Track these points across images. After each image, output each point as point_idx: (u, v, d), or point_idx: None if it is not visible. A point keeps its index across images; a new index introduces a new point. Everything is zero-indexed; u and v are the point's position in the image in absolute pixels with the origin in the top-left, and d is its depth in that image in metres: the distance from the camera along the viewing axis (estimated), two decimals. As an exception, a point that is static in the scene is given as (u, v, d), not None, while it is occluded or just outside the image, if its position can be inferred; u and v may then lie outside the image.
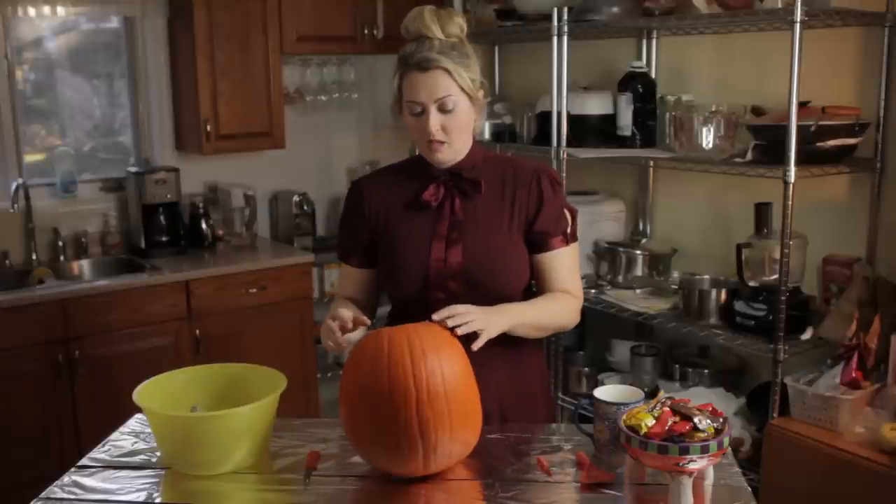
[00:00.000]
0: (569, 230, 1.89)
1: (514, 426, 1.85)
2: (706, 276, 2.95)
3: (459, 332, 1.63)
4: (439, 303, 1.72)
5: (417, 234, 1.85)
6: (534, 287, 1.95)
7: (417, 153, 1.92)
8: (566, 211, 1.90)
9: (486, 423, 1.69)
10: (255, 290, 3.60)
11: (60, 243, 3.65)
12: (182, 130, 3.88)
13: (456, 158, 1.85)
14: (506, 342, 1.79)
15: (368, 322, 1.76)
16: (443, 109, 1.76)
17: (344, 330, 1.72)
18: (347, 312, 1.73)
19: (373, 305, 2.01)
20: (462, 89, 1.77)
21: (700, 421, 1.42)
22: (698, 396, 2.64)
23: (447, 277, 1.82)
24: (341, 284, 2.02)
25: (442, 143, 1.79)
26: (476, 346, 1.65)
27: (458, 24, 1.80)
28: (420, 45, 1.76)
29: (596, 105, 3.23)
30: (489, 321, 1.68)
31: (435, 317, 1.64)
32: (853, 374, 2.39)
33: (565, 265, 1.89)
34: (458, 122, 1.78)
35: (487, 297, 1.79)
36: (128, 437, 1.84)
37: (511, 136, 3.54)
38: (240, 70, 3.71)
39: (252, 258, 3.73)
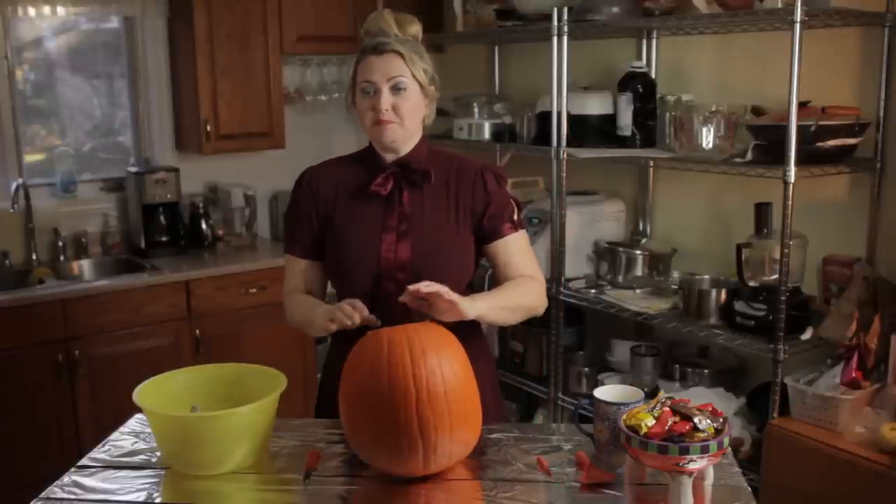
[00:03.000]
0: (515, 218, 1.95)
1: (514, 426, 1.85)
2: (706, 276, 2.94)
3: (423, 290, 1.67)
4: (389, 293, 1.77)
5: (367, 225, 1.89)
6: (475, 281, 1.98)
7: (368, 144, 1.95)
8: (511, 201, 1.96)
9: None
10: (255, 290, 3.60)
11: (60, 243, 3.65)
12: (182, 130, 3.88)
13: (405, 143, 1.89)
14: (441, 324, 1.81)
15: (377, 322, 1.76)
16: (395, 90, 1.83)
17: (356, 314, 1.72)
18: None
19: (322, 300, 2.01)
20: (414, 76, 1.84)
21: (700, 421, 1.42)
22: (698, 396, 2.64)
23: (396, 269, 1.85)
24: (290, 279, 1.99)
25: (392, 122, 1.84)
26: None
27: (416, 28, 1.90)
28: (377, 37, 1.85)
29: (596, 105, 3.23)
30: (458, 298, 1.71)
31: (410, 288, 1.67)
32: (853, 374, 2.39)
33: (520, 250, 1.95)
34: (408, 104, 1.85)
35: None
36: (128, 437, 1.84)
37: (511, 136, 3.53)
38: (240, 70, 3.71)
39: (252, 258, 3.73)
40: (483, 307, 1.78)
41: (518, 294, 1.90)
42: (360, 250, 1.87)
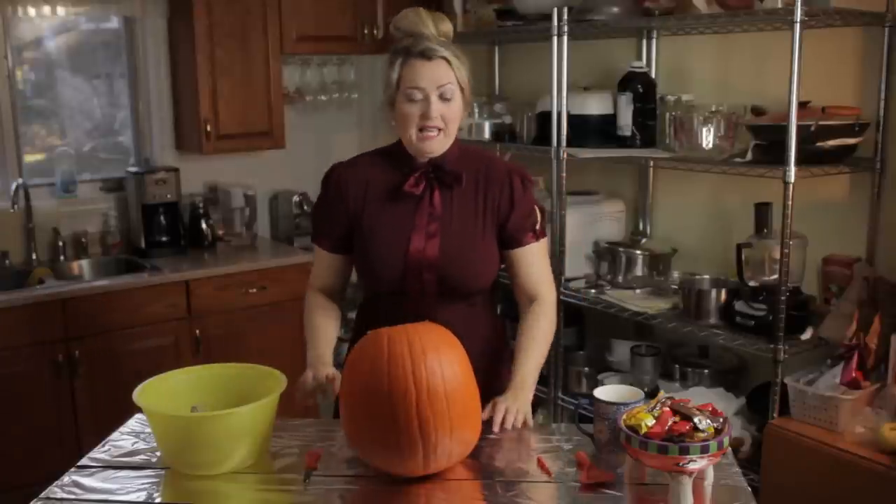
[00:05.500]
0: (538, 226, 1.95)
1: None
2: (706, 276, 2.94)
3: (507, 426, 1.76)
4: (414, 292, 1.79)
5: (397, 224, 1.89)
6: (502, 280, 2.00)
7: (397, 141, 1.94)
8: (536, 208, 1.96)
9: None
10: (255, 290, 3.60)
11: (60, 243, 3.65)
12: (182, 130, 3.88)
13: (443, 149, 1.89)
14: (464, 323, 1.83)
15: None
16: (442, 98, 1.82)
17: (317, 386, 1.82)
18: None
19: (344, 290, 2.06)
20: (458, 82, 1.84)
21: (700, 421, 1.42)
22: (698, 396, 2.64)
23: (422, 268, 1.86)
24: (316, 270, 2.04)
25: (438, 130, 1.83)
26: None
27: (449, 26, 1.89)
28: (419, 39, 1.82)
29: (596, 105, 3.23)
30: (523, 402, 1.81)
31: (485, 416, 1.73)
32: (853, 374, 2.39)
33: (537, 260, 1.96)
34: (454, 111, 1.84)
35: (457, 289, 1.86)
36: (128, 437, 1.84)
37: (511, 137, 3.54)
38: (240, 70, 3.71)
39: (252, 258, 3.73)
40: (531, 384, 1.87)
41: (542, 342, 1.93)
42: (389, 249, 1.87)
